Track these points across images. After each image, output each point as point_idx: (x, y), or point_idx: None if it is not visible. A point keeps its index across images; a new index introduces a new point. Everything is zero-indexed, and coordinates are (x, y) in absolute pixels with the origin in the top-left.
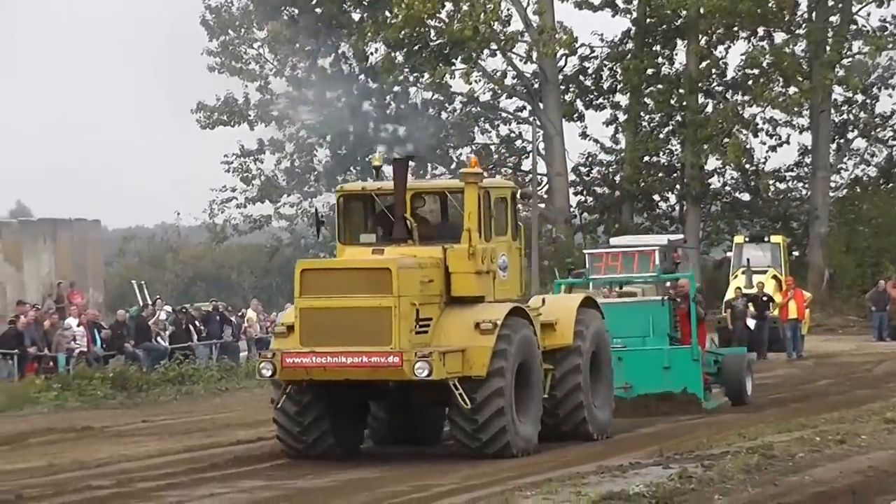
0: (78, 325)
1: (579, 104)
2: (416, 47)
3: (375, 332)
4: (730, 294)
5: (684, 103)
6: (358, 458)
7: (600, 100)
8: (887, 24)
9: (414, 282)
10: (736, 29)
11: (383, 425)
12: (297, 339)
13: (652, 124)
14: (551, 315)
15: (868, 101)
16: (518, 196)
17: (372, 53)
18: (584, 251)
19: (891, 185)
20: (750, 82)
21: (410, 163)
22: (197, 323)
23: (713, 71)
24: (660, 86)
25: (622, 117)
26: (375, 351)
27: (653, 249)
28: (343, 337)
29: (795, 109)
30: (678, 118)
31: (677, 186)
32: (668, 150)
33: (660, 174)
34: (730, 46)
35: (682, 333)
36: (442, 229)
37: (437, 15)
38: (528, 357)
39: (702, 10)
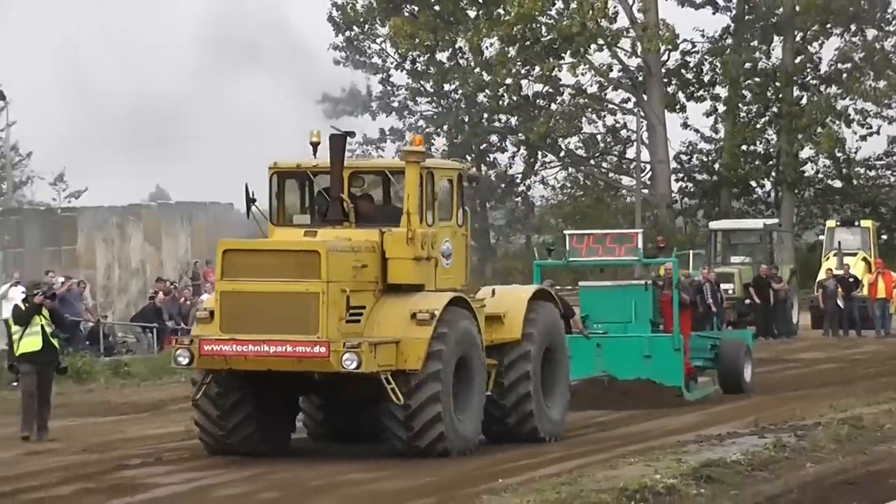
0: None
1: (681, 96)
2: (528, 42)
3: (301, 319)
4: (822, 275)
5: (780, 95)
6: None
7: (701, 92)
8: None
9: (345, 266)
10: (829, 26)
11: (318, 422)
12: (217, 325)
13: (749, 115)
14: (500, 307)
15: None
16: (465, 178)
17: (487, 48)
18: (565, 232)
19: None
20: (843, 76)
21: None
22: None
23: (808, 65)
24: (757, 79)
25: (721, 108)
26: (300, 340)
27: (636, 233)
28: (266, 324)
29: (885, 101)
30: (774, 109)
31: (773, 173)
32: (764, 140)
33: (756, 162)
34: (823, 42)
35: (664, 320)
36: (382, 212)
37: (548, 12)
38: (469, 351)
39: (797, 8)
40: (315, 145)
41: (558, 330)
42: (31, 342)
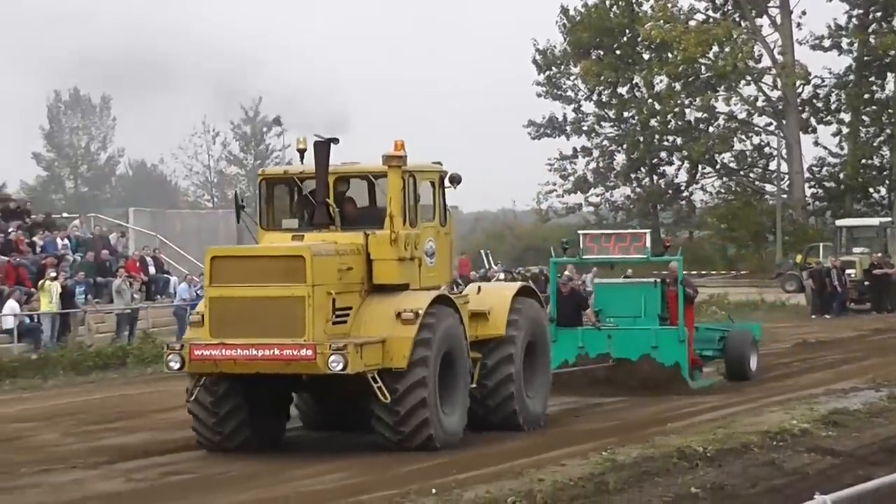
0: None
1: (813, 121)
2: (691, 79)
3: (288, 323)
4: None
5: (892, 120)
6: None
7: (829, 117)
8: None
9: (331, 270)
10: None
11: (312, 412)
12: (207, 329)
13: (868, 136)
14: (484, 304)
15: None
16: (447, 180)
17: (657, 83)
18: (580, 231)
19: None
20: None
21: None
22: (530, 282)
23: None
24: (874, 107)
25: (845, 130)
26: (288, 343)
27: (644, 233)
28: (254, 328)
29: None
30: (888, 131)
31: (886, 181)
32: (880, 155)
33: (873, 172)
34: None
35: (670, 315)
36: (367, 214)
37: (707, 55)
38: (454, 347)
39: None
40: (302, 152)
41: (540, 325)
42: None
